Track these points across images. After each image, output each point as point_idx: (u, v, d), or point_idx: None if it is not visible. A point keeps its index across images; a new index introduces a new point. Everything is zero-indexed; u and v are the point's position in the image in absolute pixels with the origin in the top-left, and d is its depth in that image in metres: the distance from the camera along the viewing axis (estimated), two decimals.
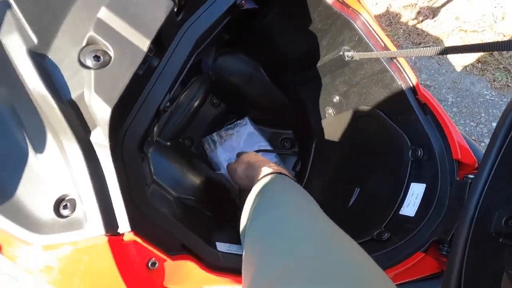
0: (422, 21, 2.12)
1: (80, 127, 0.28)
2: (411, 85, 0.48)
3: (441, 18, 2.10)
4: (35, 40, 0.26)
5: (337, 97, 0.61)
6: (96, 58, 0.27)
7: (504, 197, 0.36)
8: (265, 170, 0.46)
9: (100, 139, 0.28)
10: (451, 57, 1.93)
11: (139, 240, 0.30)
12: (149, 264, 0.31)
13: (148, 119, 0.33)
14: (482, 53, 1.83)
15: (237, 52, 0.68)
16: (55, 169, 0.29)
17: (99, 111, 0.27)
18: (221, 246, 0.39)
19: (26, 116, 0.27)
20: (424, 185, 0.45)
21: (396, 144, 0.50)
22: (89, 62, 0.27)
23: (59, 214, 0.29)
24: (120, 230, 0.29)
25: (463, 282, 0.32)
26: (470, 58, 1.89)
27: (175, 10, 0.31)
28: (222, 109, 0.78)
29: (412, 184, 0.47)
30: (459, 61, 1.92)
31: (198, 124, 0.75)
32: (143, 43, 0.28)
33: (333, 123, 0.65)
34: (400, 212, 0.45)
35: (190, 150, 0.74)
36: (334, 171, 0.64)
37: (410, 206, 0.45)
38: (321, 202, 0.63)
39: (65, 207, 0.29)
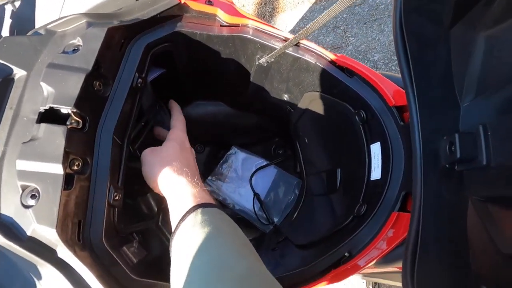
0: None
1: (47, 251, 0.34)
2: (325, 57, 0.48)
3: None
4: None
5: (285, 95, 0.63)
6: (34, 196, 0.35)
7: (438, 126, 0.34)
8: (184, 204, 0.41)
9: (64, 253, 0.35)
10: None
11: None
12: None
13: (102, 215, 0.39)
14: None
15: (191, 101, 0.74)
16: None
17: (48, 235, 0.33)
18: None
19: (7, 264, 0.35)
20: (378, 143, 0.44)
21: (344, 114, 0.50)
22: (30, 201, 0.35)
23: None
24: None
25: (421, 228, 0.31)
26: None
27: (79, 126, 0.38)
28: (209, 152, 0.84)
29: (371, 146, 0.46)
30: None
31: None
32: (57, 168, 0.34)
33: (297, 118, 0.66)
34: (371, 179, 0.44)
35: None
36: (320, 161, 0.64)
37: (376, 169, 0.44)
38: (321, 195, 0.63)
39: None
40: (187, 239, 0.37)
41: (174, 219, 0.42)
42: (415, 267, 0.29)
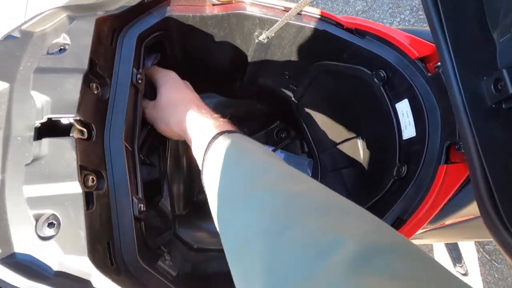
0: None
1: (80, 284, 0.29)
2: (331, 22, 0.46)
3: None
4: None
5: (287, 72, 0.60)
6: (51, 225, 0.29)
7: (475, 68, 0.33)
8: (207, 131, 0.41)
9: (101, 282, 0.30)
10: None
11: None
12: None
13: (131, 231, 0.34)
14: None
15: None
16: None
17: (80, 265, 0.28)
18: None
19: None
20: (406, 99, 0.42)
21: (359, 79, 0.48)
22: (48, 231, 0.29)
23: None
24: None
25: (487, 169, 0.29)
26: None
27: (85, 136, 0.33)
28: None
29: (396, 105, 0.44)
30: None
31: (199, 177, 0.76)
32: (74, 187, 0.29)
33: (301, 95, 0.63)
34: (404, 138, 0.43)
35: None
36: (334, 134, 0.62)
37: (408, 127, 0.42)
38: (339, 170, 0.61)
39: None
40: (217, 164, 0.35)
41: (199, 156, 0.41)
42: (500, 209, 0.27)
